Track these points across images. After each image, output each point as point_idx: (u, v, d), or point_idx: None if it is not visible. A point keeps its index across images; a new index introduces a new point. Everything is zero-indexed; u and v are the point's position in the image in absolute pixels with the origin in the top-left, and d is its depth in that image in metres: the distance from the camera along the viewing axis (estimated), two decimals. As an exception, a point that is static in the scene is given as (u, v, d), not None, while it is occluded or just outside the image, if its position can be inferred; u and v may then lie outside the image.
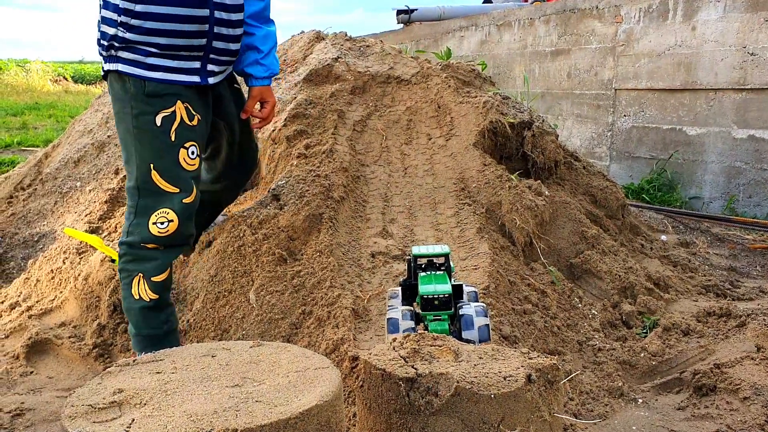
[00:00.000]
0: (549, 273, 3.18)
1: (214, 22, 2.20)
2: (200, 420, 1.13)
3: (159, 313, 2.32)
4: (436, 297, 1.87)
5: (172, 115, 2.15)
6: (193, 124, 2.22)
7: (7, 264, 4.01)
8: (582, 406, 2.42)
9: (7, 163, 6.78)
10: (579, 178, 3.95)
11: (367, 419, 1.75)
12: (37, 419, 2.40)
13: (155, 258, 2.26)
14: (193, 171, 2.26)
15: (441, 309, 1.87)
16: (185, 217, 2.24)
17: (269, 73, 2.47)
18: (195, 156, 2.25)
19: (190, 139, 2.22)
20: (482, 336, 1.84)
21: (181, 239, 2.31)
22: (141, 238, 2.22)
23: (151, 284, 2.27)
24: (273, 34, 2.46)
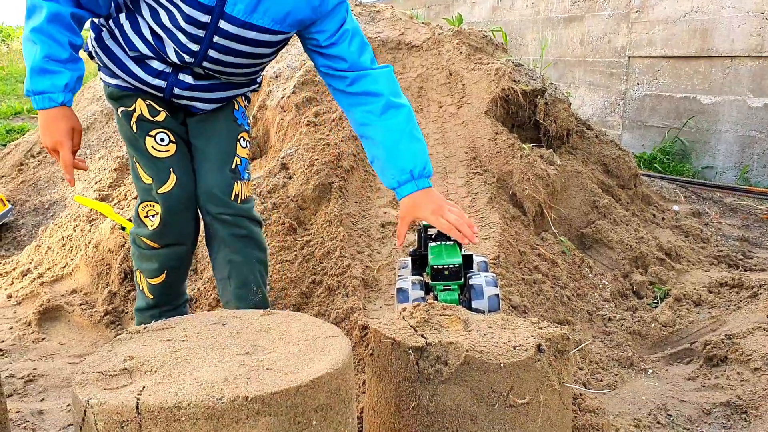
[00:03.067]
0: (559, 243, 3.16)
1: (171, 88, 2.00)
2: (211, 387, 1.13)
3: (152, 312, 2.23)
4: (446, 267, 1.85)
5: (131, 111, 2.02)
6: (159, 119, 2.03)
7: (18, 231, 4.03)
8: (591, 375, 2.41)
9: (17, 131, 6.78)
10: (591, 147, 3.91)
11: (377, 387, 1.76)
12: (49, 385, 2.43)
13: (152, 259, 2.15)
14: (167, 158, 2.03)
15: (451, 279, 1.86)
16: (169, 209, 2.05)
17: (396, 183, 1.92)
18: (167, 142, 2.03)
19: (154, 127, 2.03)
20: (492, 306, 1.83)
21: (174, 236, 2.11)
22: (139, 232, 2.13)
23: (149, 285, 2.20)
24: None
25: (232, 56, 1.91)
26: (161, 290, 2.20)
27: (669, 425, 2.14)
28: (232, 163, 2.11)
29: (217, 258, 2.18)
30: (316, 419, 1.19)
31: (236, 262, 2.15)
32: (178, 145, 2.06)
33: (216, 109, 2.10)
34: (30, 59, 1.77)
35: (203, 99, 2.04)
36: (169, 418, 1.09)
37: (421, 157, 1.91)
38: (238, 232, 2.13)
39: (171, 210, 2.05)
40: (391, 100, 1.91)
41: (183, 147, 2.08)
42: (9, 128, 6.84)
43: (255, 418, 1.12)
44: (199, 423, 1.09)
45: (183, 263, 2.21)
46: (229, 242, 2.13)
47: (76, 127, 1.87)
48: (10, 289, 3.29)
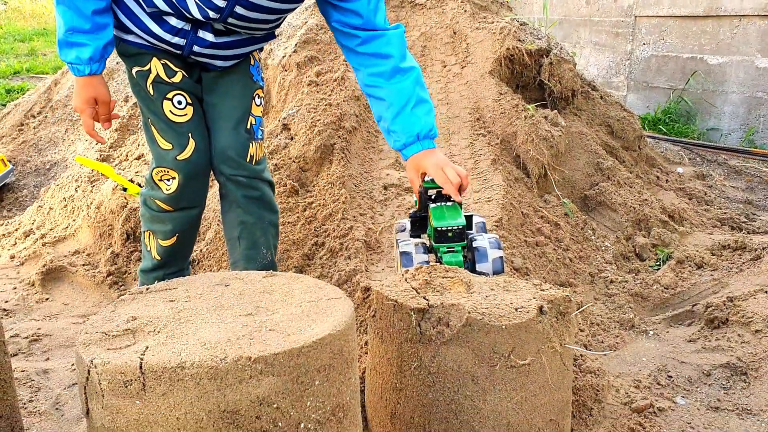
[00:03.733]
0: (563, 205, 3.15)
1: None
2: (214, 348, 1.13)
3: (157, 273, 2.22)
4: (449, 229, 1.83)
5: (147, 72, 1.96)
6: (175, 80, 1.98)
7: (20, 192, 4.02)
8: (593, 337, 2.43)
9: (16, 90, 6.72)
10: (596, 108, 3.87)
11: (379, 348, 1.77)
12: (53, 344, 2.45)
13: (165, 221, 2.13)
14: (186, 123, 2.01)
15: (454, 241, 1.84)
16: (187, 175, 2.03)
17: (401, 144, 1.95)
18: (184, 105, 2.00)
19: (172, 89, 1.98)
20: (497, 268, 1.81)
21: (190, 200, 2.11)
22: (154, 195, 2.10)
23: (159, 246, 2.18)
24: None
25: (259, 12, 1.85)
26: (170, 252, 2.20)
27: (669, 386, 2.15)
28: (247, 122, 2.08)
29: (229, 218, 2.18)
30: (319, 379, 1.20)
31: (248, 223, 2.15)
32: (194, 107, 2.03)
33: (233, 65, 2.06)
34: (58, 30, 1.83)
35: (222, 56, 1.99)
36: (172, 377, 1.10)
37: (426, 120, 1.91)
38: (251, 193, 2.12)
39: (189, 176, 2.04)
40: (401, 64, 1.90)
41: (199, 108, 2.06)
42: (8, 88, 6.78)
43: (258, 379, 1.12)
44: (202, 383, 1.10)
45: (195, 225, 2.22)
46: (241, 203, 2.13)
47: (99, 97, 1.89)
48: (13, 250, 3.30)
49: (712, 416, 1.99)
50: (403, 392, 1.69)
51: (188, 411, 1.10)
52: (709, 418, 1.98)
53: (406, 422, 1.70)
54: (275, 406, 1.14)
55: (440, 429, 1.65)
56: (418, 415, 1.68)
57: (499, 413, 1.62)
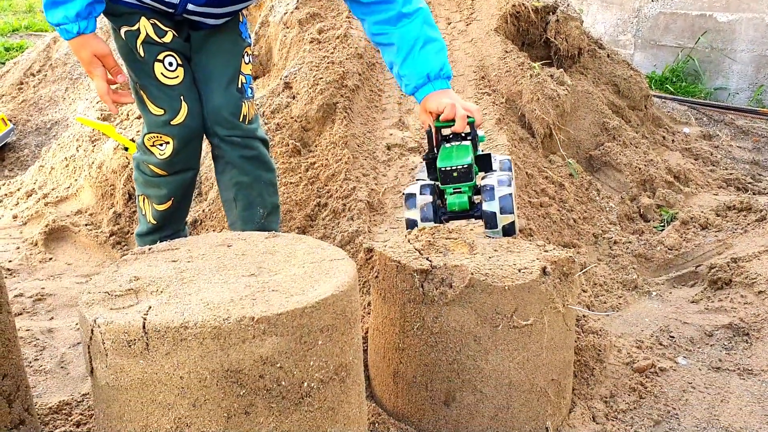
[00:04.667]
0: (568, 165, 3.12)
1: None
2: (217, 308, 1.13)
3: (153, 236, 2.20)
4: (454, 168, 1.74)
5: (136, 32, 1.89)
6: (166, 40, 1.92)
7: (21, 151, 4.01)
8: (595, 297, 2.43)
9: (15, 48, 6.65)
10: (602, 67, 3.81)
11: (382, 308, 1.77)
12: (57, 304, 2.46)
13: (160, 186, 2.10)
14: (178, 85, 1.95)
15: (460, 181, 1.75)
16: (182, 139, 2.00)
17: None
18: (175, 67, 1.94)
19: (162, 50, 1.92)
20: (505, 206, 1.72)
21: (184, 164, 2.08)
22: (147, 159, 2.07)
23: (154, 211, 2.16)
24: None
25: None
26: (166, 215, 2.18)
27: (671, 346, 2.16)
28: (238, 81, 2.05)
29: (224, 179, 2.16)
30: (322, 339, 1.20)
31: (243, 183, 2.13)
32: (185, 68, 1.98)
33: (222, 24, 2.01)
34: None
35: (215, 14, 1.94)
36: (175, 337, 1.10)
37: (437, 60, 1.87)
38: (247, 153, 2.10)
39: (183, 140, 2.00)
40: (404, 8, 1.87)
41: (189, 69, 2.01)
42: (7, 46, 6.71)
43: (261, 338, 1.12)
44: (205, 342, 1.10)
45: (191, 187, 2.19)
46: (237, 164, 2.10)
47: (98, 51, 1.80)
48: (16, 210, 3.30)
49: (713, 376, 2.00)
50: (406, 352, 1.70)
51: (192, 370, 1.10)
52: (710, 378, 1.99)
53: (408, 381, 1.72)
54: (278, 365, 1.15)
55: (442, 388, 1.67)
56: (420, 375, 1.69)
57: (501, 373, 1.63)
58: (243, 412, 1.14)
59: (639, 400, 1.88)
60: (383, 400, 1.83)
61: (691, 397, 1.90)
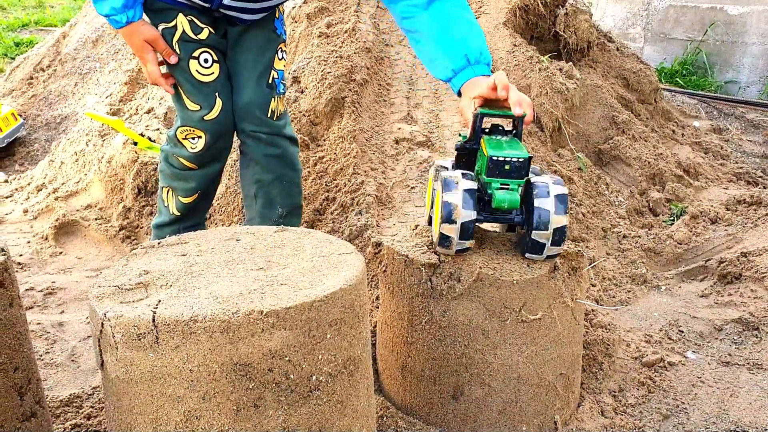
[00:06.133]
0: (576, 159, 3.11)
1: None
2: (226, 301, 1.14)
3: (174, 227, 2.19)
4: (508, 160, 1.53)
5: (172, 29, 1.91)
6: (202, 37, 1.94)
7: (31, 146, 4.03)
8: (604, 292, 2.42)
9: (25, 44, 6.67)
10: (612, 61, 3.79)
11: (390, 302, 1.77)
12: (68, 298, 2.47)
13: (188, 179, 2.11)
14: (212, 82, 1.97)
15: (512, 177, 1.55)
16: (214, 134, 2.01)
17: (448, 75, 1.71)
18: (210, 63, 1.96)
19: (198, 47, 1.94)
20: (559, 207, 1.53)
21: (215, 157, 2.09)
22: (177, 152, 2.07)
23: (179, 203, 2.16)
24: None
25: None
26: (191, 207, 2.18)
27: (680, 341, 2.15)
28: (269, 76, 2.04)
29: (246, 175, 2.16)
30: (330, 333, 1.20)
31: (264, 181, 2.12)
32: (220, 65, 1.99)
33: (259, 19, 2.01)
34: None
35: (251, 9, 1.94)
36: (185, 330, 1.10)
37: (476, 42, 1.69)
38: (271, 151, 2.09)
39: (216, 135, 2.01)
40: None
41: (224, 65, 2.02)
42: (17, 41, 6.73)
43: (270, 332, 1.13)
44: (215, 336, 1.10)
45: (217, 181, 2.20)
46: (260, 161, 2.10)
47: (148, 37, 1.86)
48: (26, 204, 3.32)
49: (723, 370, 2.00)
50: (414, 346, 1.70)
51: (201, 363, 1.11)
52: (720, 373, 1.98)
53: (416, 375, 1.72)
54: (287, 359, 1.15)
55: (450, 382, 1.67)
56: (428, 369, 1.69)
57: (509, 367, 1.63)
58: (252, 405, 1.14)
59: (648, 394, 1.88)
60: (391, 394, 1.84)
61: (700, 391, 1.90)
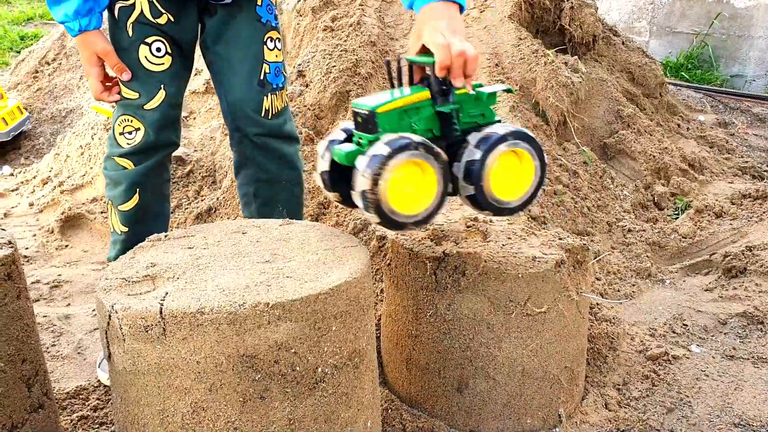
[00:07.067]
0: (582, 153, 3.11)
1: None
2: (232, 294, 1.14)
3: (121, 246, 1.93)
4: (358, 112, 1.39)
5: (129, 8, 1.77)
6: (160, 21, 1.78)
7: (37, 139, 4.04)
8: (609, 286, 2.43)
9: (30, 37, 6.68)
10: (617, 55, 3.78)
11: (395, 296, 1.78)
12: (74, 291, 2.48)
13: (121, 180, 1.88)
14: (160, 72, 1.81)
15: (361, 130, 1.40)
16: (154, 126, 1.83)
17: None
18: (163, 54, 1.80)
19: (153, 33, 1.79)
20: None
21: (153, 153, 1.88)
22: (111, 152, 1.88)
23: (119, 214, 1.91)
24: None
25: None
26: (135, 218, 1.92)
27: (684, 334, 2.16)
28: (260, 73, 1.89)
29: (243, 174, 2.02)
30: (336, 325, 1.21)
31: (262, 180, 1.98)
32: (174, 57, 1.83)
33: (236, 8, 1.86)
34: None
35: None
36: (192, 323, 1.11)
37: None
38: (267, 151, 1.94)
39: (156, 127, 1.84)
40: None
41: (179, 58, 1.85)
42: (22, 35, 6.74)
43: (276, 324, 1.13)
44: (222, 328, 1.11)
45: (157, 182, 1.95)
46: (257, 161, 1.96)
47: (99, 51, 1.74)
48: (32, 197, 3.33)
49: (727, 364, 2.00)
50: (419, 339, 1.71)
51: (208, 355, 1.12)
52: (724, 366, 1.99)
53: (421, 368, 1.73)
54: (293, 351, 1.16)
55: (455, 375, 1.67)
56: (433, 362, 1.69)
57: (514, 360, 1.64)
58: (258, 397, 1.15)
59: (652, 387, 1.88)
60: (396, 387, 1.84)
61: (705, 385, 1.90)
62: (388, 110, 1.35)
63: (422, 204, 1.36)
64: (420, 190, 1.35)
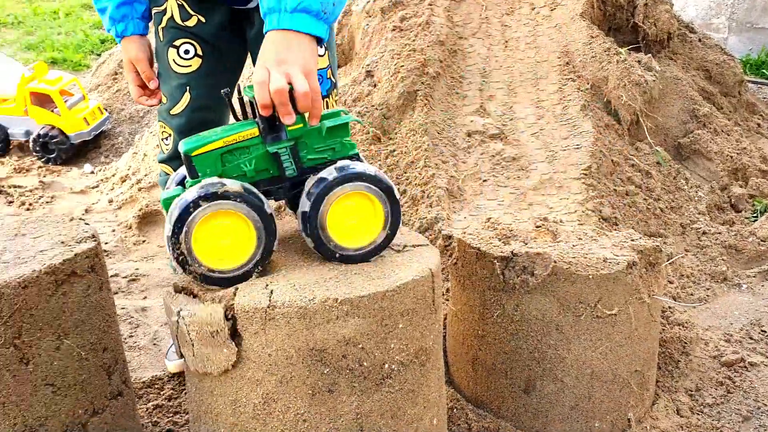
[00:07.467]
0: (655, 153, 3.03)
1: None
2: (303, 289, 1.17)
3: None
4: (182, 154, 1.25)
5: (161, 13, 1.76)
6: (189, 24, 1.75)
7: (116, 139, 4.19)
8: (682, 289, 2.36)
9: (110, 41, 6.94)
10: (693, 52, 3.66)
11: (461, 296, 1.78)
12: (150, 284, 2.58)
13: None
14: (186, 75, 1.77)
15: (189, 174, 1.27)
16: (179, 131, 1.80)
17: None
18: (191, 55, 1.76)
19: (181, 36, 1.76)
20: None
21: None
22: (157, 158, 1.90)
23: None
24: None
25: None
26: None
27: (762, 341, 2.07)
28: None
29: None
30: (403, 323, 1.22)
31: None
32: (205, 59, 1.77)
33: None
34: None
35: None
36: (263, 317, 1.14)
37: None
38: None
39: (180, 132, 1.80)
40: None
41: (211, 62, 1.79)
42: (102, 38, 7.02)
43: (344, 319, 1.15)
44: (292, 322, 1.14)
45: None
46: None
47: (132, 58, 1.75)
48: (111, 194, 3.47)
49: (809, 374, 1.91)
50: (486, 339, 1.70)
51: (279, 348, 1.15)
52: (806, 376, 1.90)
53: (487, 368, 1.72)
54: (360, 346, 1.18)
55: (522, 376, 1.66)
56: (500, 362, 1.69)
57: (583, 362, 1.61)
58: (327, 390, 1.17)
59: (727, 394, 1.82)
60: (461, 386, 1.84)
61: (785, 394, 1.83)
62: (204, 152, 1.22)
63: (238, 259, 1.21)
64: (236, 243, 1.21)
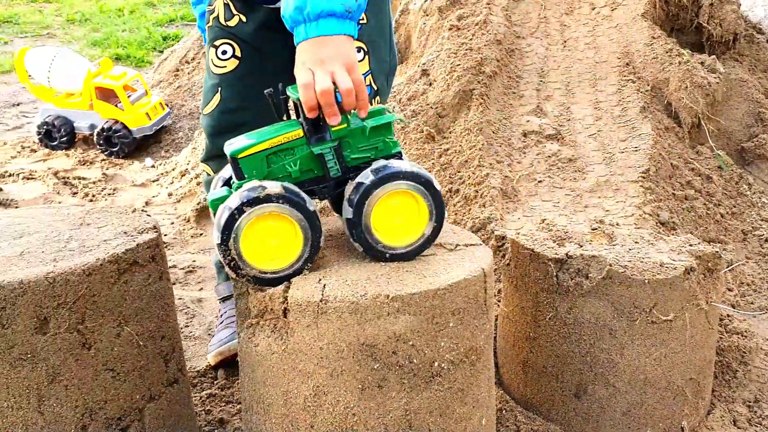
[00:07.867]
0: (716, 157, 2.95)
1: None
2: (355, 285, 1.18)
3: None
4: (230, 156, 1.25)
5: (211, 11, 1.77)
6: (230, 24, 1.73)
7: (176, 134, 4.30)
8: (742, 297, 2.29)
9: (171, 38, 7.12)
10: (760, 54, 3.55)
11: (513, 296, 1.77)
12: (207, 276, 2.64)
13: (206, 188, 1.93)
14: (219, 75, 1.75)
15: (235, 175, 1.26)
16: (209, 132, 1.81)
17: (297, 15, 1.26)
18: (228, 56, 1.74)
19: (221, 36, 1.75)
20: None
21: (218, 157, 1.80)
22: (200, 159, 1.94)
23: None
24: None
25: None
26: None
27: (827, 355, 2.00)
28: None
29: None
30: (453, 322, 1.22)
31: None
32: (242, 61, 1.75)
33: None
34: None
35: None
36: (316, 311, 1.16)
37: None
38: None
39: (210, 133, 1.81)
40: None
41: (251, 60, 1.76)
42: (164, 35, 7.20)
43: (395, 316, 1.16)
44: (344, 317, 1.15)
45: None
46: None
47: None
48: (171, 188, 3.56)
49: None
50: (537, 341, 1.69)
51: (330, 342, 1.17)
52: None
53: (538, 371, 1.71)
54: (410, 343, 1.18)
55: (573, 380, 1.64)
56: (551, 365, 1.67)
57: (636, 368, 1.59)
58: (376, 385, 1.19)
59: (788, 408, 1.76)
60: (511, 388, 1.83)
61: None
62: (250, 154, 1.22)
63: (287, 258, 1.22)
64: (284, 243, 1.22)
